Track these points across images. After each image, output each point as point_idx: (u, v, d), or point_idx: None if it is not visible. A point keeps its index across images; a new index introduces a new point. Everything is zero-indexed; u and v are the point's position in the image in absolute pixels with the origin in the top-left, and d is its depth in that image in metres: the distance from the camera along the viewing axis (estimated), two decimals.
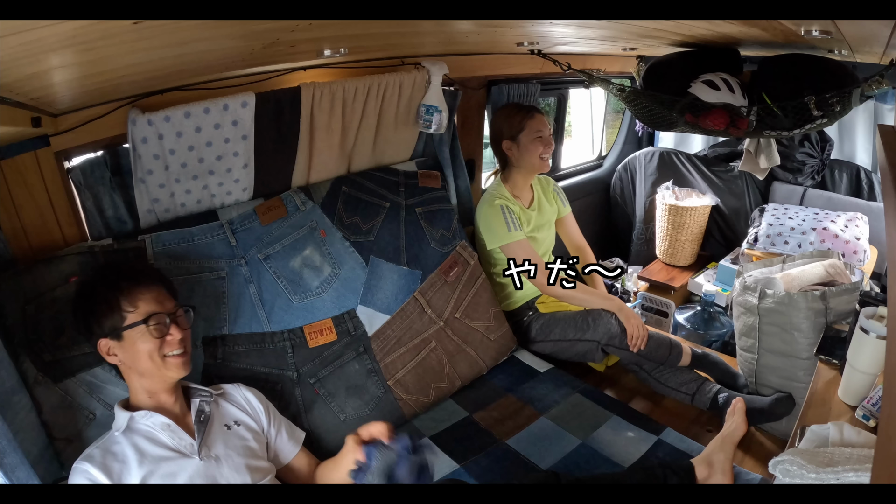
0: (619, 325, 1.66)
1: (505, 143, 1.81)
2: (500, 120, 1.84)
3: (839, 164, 2.66)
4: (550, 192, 1.97)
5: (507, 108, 1.86)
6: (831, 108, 1.50)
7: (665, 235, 2.76)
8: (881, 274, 2.40)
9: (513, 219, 1.76)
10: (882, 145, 0.76)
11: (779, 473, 0.82)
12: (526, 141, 1.78)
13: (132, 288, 1.02)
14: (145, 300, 1.02)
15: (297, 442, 1.21)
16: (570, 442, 1.41)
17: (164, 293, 1.06)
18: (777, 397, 1.51)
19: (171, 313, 1.04)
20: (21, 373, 1.06)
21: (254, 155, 1.43)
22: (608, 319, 1.68)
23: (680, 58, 1.79)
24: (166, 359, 1.02)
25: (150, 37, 0.70)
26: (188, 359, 1.06)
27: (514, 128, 1.79)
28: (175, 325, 1.04)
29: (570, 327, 1.75)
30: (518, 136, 1.79)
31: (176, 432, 1.01)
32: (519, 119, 1.79)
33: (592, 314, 1.72)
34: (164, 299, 1.05)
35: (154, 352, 1.01)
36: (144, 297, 1.02)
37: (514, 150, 1.80)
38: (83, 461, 0.95)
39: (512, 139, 1.80)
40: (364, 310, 1.54)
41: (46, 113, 1.09)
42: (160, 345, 1.01)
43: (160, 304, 1.03)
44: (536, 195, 1.91)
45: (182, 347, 1.04)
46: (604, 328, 1.68)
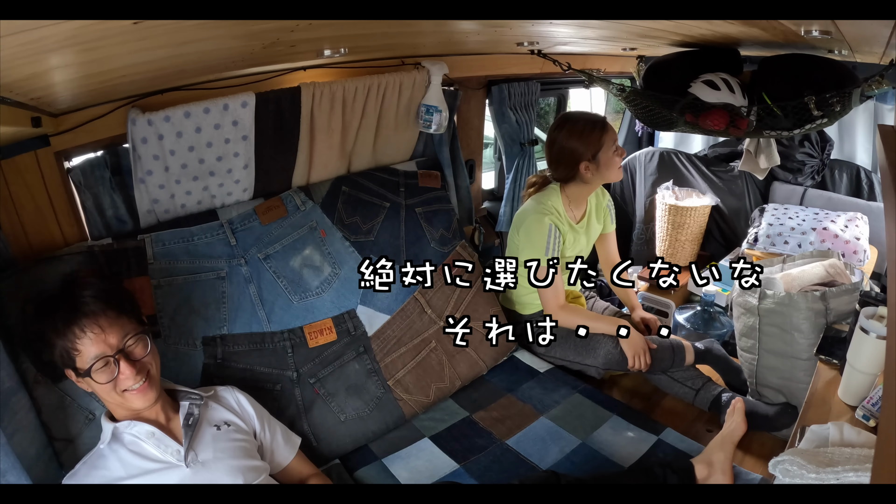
0: (620, 351, 1.64)
1: (583, 164, 1.64)
2: (574, 140, 1.64)
3: (839, 164, 2.65)
4: (603, 207, 1.86)
5: (579, 125, 1.65)
6: (831, 108, 1.50)
7: (665, 235, 2.75)
8: (881, 274, 2.40)
9: (556, 243, 1.66)
10: (882, 145, 0.76)
11: (779, 473, 0.82)
12: (605, 158, 1.64)
13: (68, 331, 0.92)
14: (84, 343, 0.93)
15: (293, 447, 1.20)
16: (570, 442, 1.41)
17: (110, 322, 0.95)
18: (782, 408, 1.51)
19: (120, 349, 0.95)
20: (21, 373, 1.06)
21: (254, 155, 1.43)
22: (608, 346, 1.66)
23: (680, 58, 1.79)
24: (125, 393, 0.96)
25: (150, 37, 0.71)
26: (149, 384, 0.98)
27: (594, 146, 1.63)
28: (126, 360, 0.95)
29: (571, 350, 1.73)
30: (598, 155, 1.64)
31: (161, 440, 0.99)
32: (598, 136, 1.64)
33: (593, 340, 1.69)
34: (112, 332, 0.94)
35: (110, 390, 0.95)
36: (82, 341, 0.92)
37: (593, 169, 1.65)
38: (69, 479, 0.96)
39: (592, 159, 1.64)
40: (364, 310, 1.54)
41: (46, 113, 1.09)
42: (115, 383, 0.95)
43: (103, 343, 0.93)
44: (589, 210, 1.80)
45: (140, 379, 0.96)
46: (604, 356, 1.67)
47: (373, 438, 1.44)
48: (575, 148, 1.64)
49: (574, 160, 1.65)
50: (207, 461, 1.01)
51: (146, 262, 1.29)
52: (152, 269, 1.30)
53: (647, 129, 3.09)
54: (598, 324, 1.69)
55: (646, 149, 3.07)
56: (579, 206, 1.77)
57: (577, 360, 1.73)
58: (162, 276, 1.30)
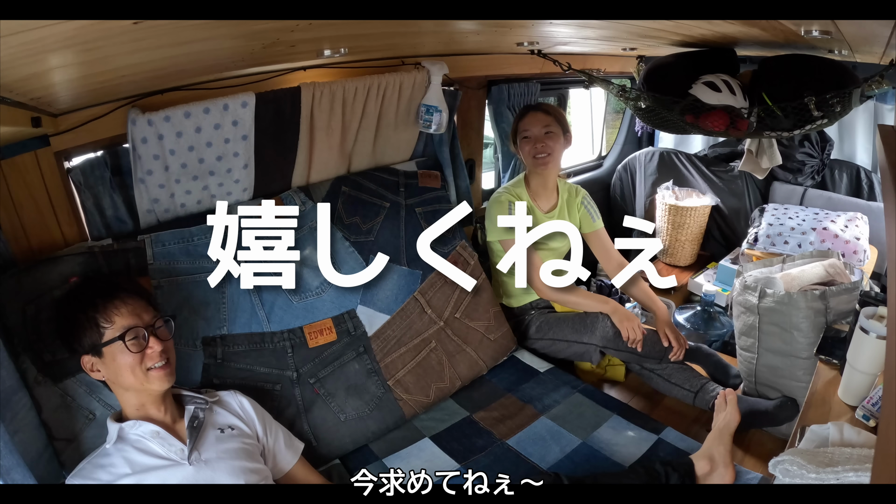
0: (614, 327, 1.66)
1: (513, 147, 1.82)
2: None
3: (839, 164, 2.65)
4: (576, 203, 1.87)
5: (517, 112, 1.85)
6: (831, 109, 1.50)
7: (665, 235, 2.76)
8: (881, 274, 2.40)
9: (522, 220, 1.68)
10: (882, 145, 0.76)
11: (779, 473, 0.82)
12: (519, 141, 1.78)
13: (107, 303, 1.00)
14: (121, 314, 1.00)
15: (296, 452, 1.20)
16: (570, 441, 1.41)
17: (141, 305, 1.04)
18: (781, 402, 1.50)
19: (150, 325, 1.02)
20: (21, 373, 1.06)
21: (254, 155, 1.43)
22: (604, 323, 1.68)
23: (680, 59, 1.79)
24: (149, 371, 1.00)
25: (150, 37, 0.71)
26: (171, 370, 1.04)
27: (513, 130, 1.80)
28: (154, 337, 1.01)
29: (567, 329, 1.75)
30: (516, 137, 1.79)
31: (166, 439, 1.01)
32: (516, 120, 1.79)
33: (589, 317, 1.72)
34: (142, 311, 1.03)
35: (135, 366, 0.99)
36: (120, 311, 1.00)
37: (519, 153, 1.80)
38: (73, 476, 0.97)
39: (514, 142, 1.80)
40: (364, 310, 1.54)
41: (46, 113, 1.09)
42: (141, 358, 1.00)
43: (137, 317, 1.01)
44: (560, 203, 1.84)
45: (164, 359, 1.02)
46: (600, 332, 1.68)
47: (373, 438, 1.44)
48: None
49: (512, 141, 1.82)
50: (210, 460, 1.02)
51: (146, 263, 1.29)
52: (152, 270, 1.29)
53: (647, 129, 3.09)
54: (588, 301, 1.73)
55: (646, 149, 3.07)
56: (543, 195, 1.82)
57: (574, 339, 1.74)
58: (162, 276, 1.30)
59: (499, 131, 2.19)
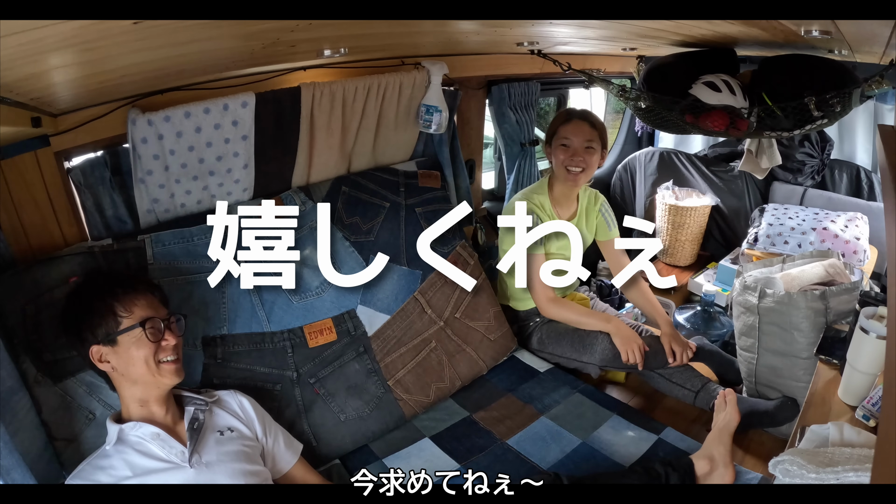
0: (614, 348, 1.64)
1: (546, 147, 1.76)
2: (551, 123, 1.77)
3: (839, 164, 2.65)
4: (595, 210, 1.84)
5: (559, 112, 1.80)
6: (831, 109, 1.50)
7: (665, 235, 2.76)
8: (881, 274, 2.40)
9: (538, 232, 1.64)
10: (882, 145, 0.76)
11: (779, 473, 0.82)
12: (554, 146, 1.70)
13: (127, 293, 1.03)
14: (140, 306, 1.03)
15: (295, 452, 1.20)
16: (570, 441, 1.41)
17: (157, 301, 1.07)
18: (781, 402, 1.50)
19: (165, 319, 1.05)
20: (21, 373, 1.06)
21: (254, 155, 1.43)
22: (604, 343, 1.66)
23: (680, 59, 1.79)
24: (161, 365, 1.02)
25: (150, 37, 0.71)
26: (181, 366, 1.06)
27: (551, 131, 1.73)
28: (169, 331, 1.05)
29: (567, 346, 1.73)
30: (552, 141, 1.71)
31: (166, 441, 1.00)
32: (557, 123, 1.72)
33: (589, 336, 1.69)
34: (158, 306, 1.07)
35: (149, 357, 1.00)
36: (139, 302, 1.03)
37: (551, 156, 1.74)
38: (73, 478, 0.96)
39: (549, 143, 1.74)
40: (364, 310, 1.54)
41: (46, 113, 1.09)
42: (155, 350, 1.01)
43: (154, 310, 1.05)
44: (580, 210, 1.81)
45: (175, 354, 1.05)
46: (600, 353, 1.67)
47: (373, 438, 1.44)
48: (548, 130, 1.75)
49: (547, 142, 1.76)
50: (211, 463, 1.01)
51: (146, 263, 1.29)
52: (152, 270, 1.30)
53: (647, 129, 3.09)
54: (590, 319, 1.69)
55: (646, 149, 3.07)
56: (565, 203, 1.78)
57: (573, 357, 1.73)
58: (162, 276, 1.30)
59: (501, 132, 2.18)
